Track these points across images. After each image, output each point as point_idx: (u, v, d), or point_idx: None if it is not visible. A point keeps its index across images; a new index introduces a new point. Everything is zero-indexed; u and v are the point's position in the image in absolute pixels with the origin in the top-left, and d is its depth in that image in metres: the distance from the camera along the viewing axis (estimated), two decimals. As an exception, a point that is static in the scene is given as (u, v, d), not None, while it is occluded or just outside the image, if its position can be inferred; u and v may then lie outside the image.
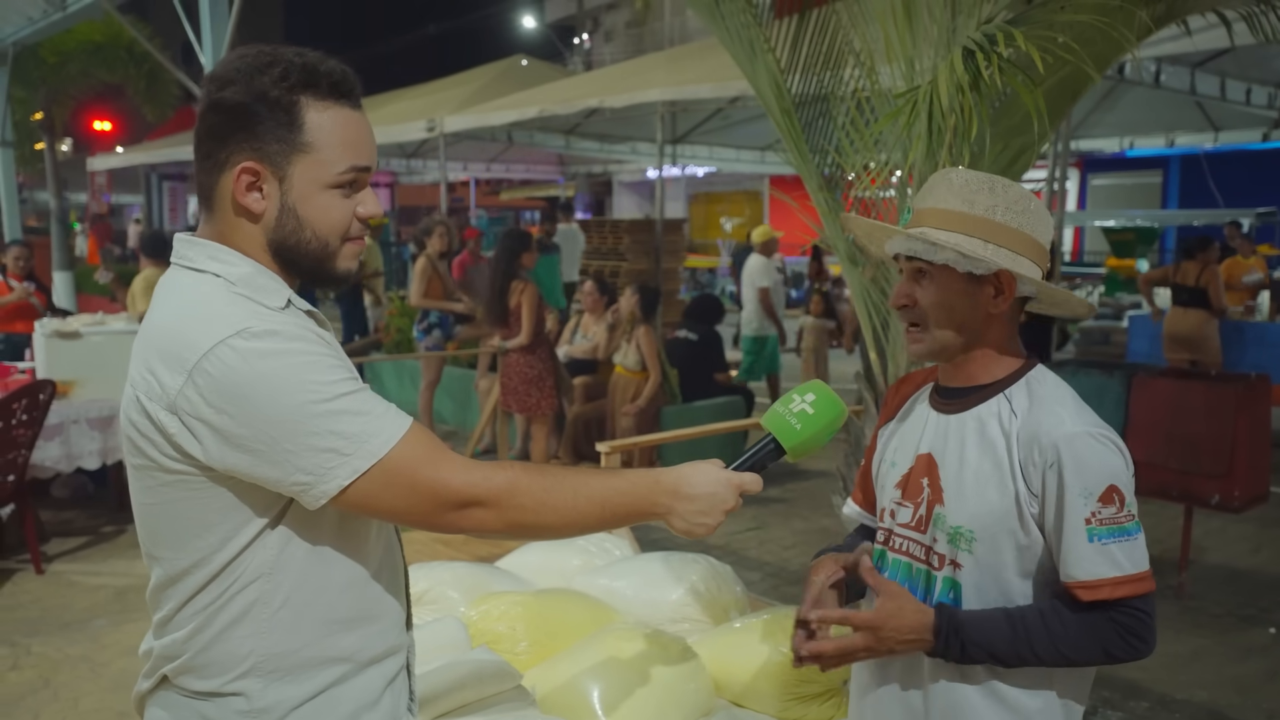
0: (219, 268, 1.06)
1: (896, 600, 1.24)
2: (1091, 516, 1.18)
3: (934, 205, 1.28)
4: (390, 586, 1.16)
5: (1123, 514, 1.19)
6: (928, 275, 1.27)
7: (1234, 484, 3.68)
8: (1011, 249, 1.25)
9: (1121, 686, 3.14)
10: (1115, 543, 1.18)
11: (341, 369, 1.04)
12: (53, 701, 3.03)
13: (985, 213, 1.25)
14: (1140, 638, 1.19)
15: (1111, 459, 1.20)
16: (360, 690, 1.11)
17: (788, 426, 1.23)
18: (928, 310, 1.28)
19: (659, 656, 1.86)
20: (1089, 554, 1.18)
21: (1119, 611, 1.18)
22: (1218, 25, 2.67)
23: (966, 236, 1.24)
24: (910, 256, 1.28)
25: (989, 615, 1.22)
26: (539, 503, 1.06)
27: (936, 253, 1.24)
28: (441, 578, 2.23)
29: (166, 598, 1.09)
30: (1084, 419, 1.22)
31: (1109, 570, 1.17)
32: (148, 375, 1.02)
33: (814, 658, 1.26)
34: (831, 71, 2.84)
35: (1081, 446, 1.19)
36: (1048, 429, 1.21)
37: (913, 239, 1.26)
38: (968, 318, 1.27)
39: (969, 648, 1.21)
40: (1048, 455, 1.20)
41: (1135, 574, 1.18)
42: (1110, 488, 1.19)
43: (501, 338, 5.07)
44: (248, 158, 1.05)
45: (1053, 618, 1.20)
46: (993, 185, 1.26)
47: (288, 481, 1.00)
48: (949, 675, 1.26)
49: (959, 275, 1.25)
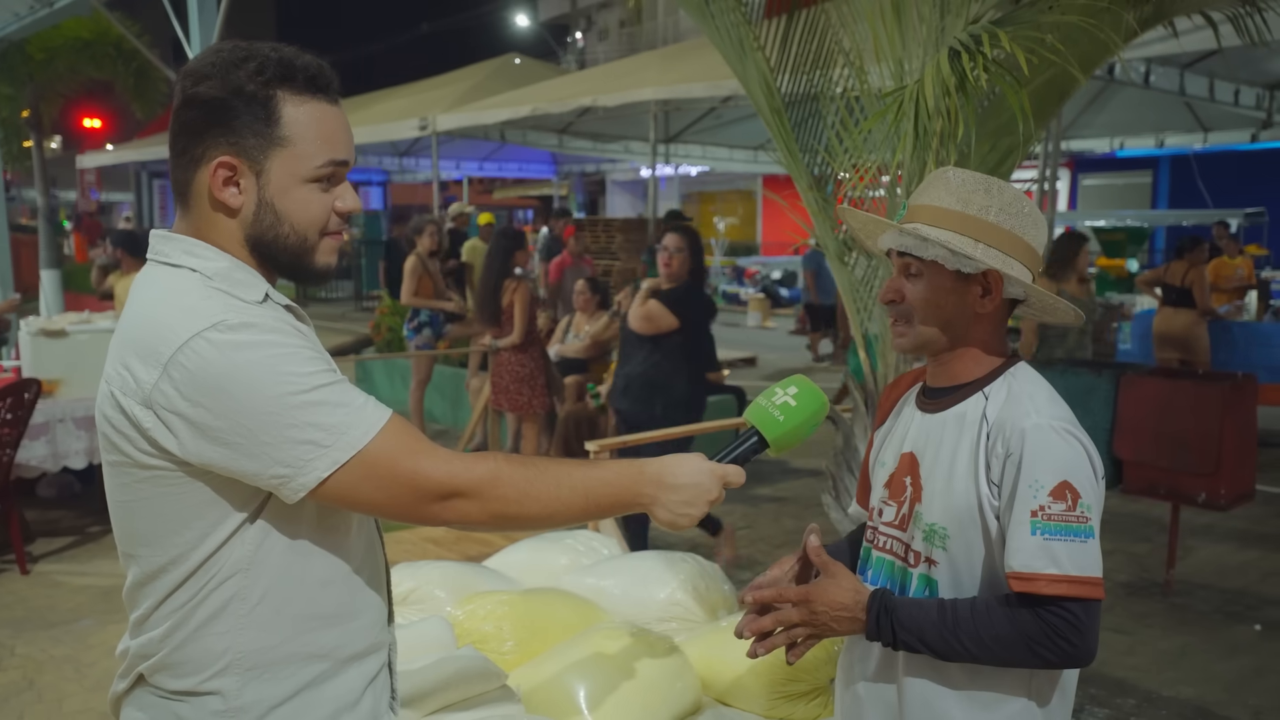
0: (195, 262, 1.05)
1: (835, 579, 1.25)
2: (1039, 510, 1.15)
3: (929, 202, 1.28)
4: (371, 582, 1.15)
5: (1074, 513, 1.15)
6: (917, 271, 1.28)
7: (1221, 482, 3.70)
8: (1002, 250, 1.25)
9: (1108, 684, 3.16)
10: (1059, 540, 1.14)
11: (319, 361, 1.03)
12: (37, 703, 3.01)
13: (979, 213, 1.25)
14: (1070, 641, 1.15)
15: (1071, 455, 1.17)
16: (340, 690, 1.10)
17: (770, 419, 1.23)
18: (915, 306, 1.28)
19: (646, 655, 1.86)
20: (1029, 546, 1.15)
21: (1050, 611, 1.15)
22: (1205, 27, 2.68)
23: (958, 235, 1.24)
24: (901, 252, 1.29)
25: (922, 603, 1.22)
26: (521, 493, 1.06)
27: (926, 249, 1.24)
28: (429, 576, 2.22)
29: (143, 596, 1.08)
30: (1052, 412, 1.21)
31: (1045, 566, 1.14)
32: (122, 370, 1.02)
33: (757, 635, 1.26)
34: (821, 71, 2.84)
35: (1041, 438, 1.17)
36: (1014, 420, 1.20)
37: (904, 234, 1.26)
38: (954, 315, 1.27)
39: (899, 631, 1.20)
40: (1010, 445, 1.19)
41: (1075, 576, 1.14)
42: (1064, 484, 1.16)
43: (493, 336, 5.07)
44: (224, 152, 1.04)
45: (982, 610, 1.18)
46: (988, 186, 1.26)
47: (265, 475, 0.99)
48: (923, 673, 1.26)
49: (948, 273, 1.25)
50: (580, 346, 5.96)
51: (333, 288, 15.64)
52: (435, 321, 6.28)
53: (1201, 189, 12.16)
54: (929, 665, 1.25)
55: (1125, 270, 12.20)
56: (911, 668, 1.27)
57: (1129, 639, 3.49)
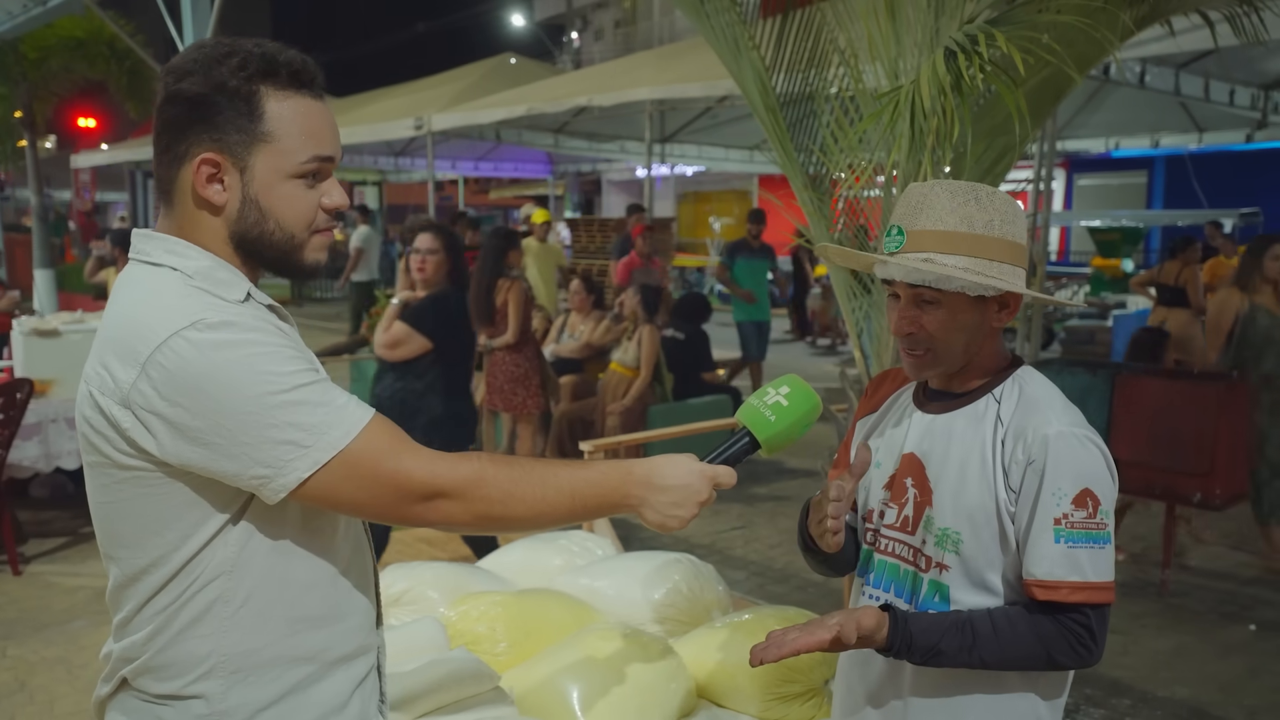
0: (176, 261, 1.04)
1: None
2: (1062, 517, 1.16)
3: (930, 226, 1.24)
4: (359, 584, 1.14)
5: (1094, 520, 1.17)
6: (934, 302, 1.24)
7: (1215, 482, 3.71)
8: (1010, 262, 1.24)
9: (1104, 684, 3.16)
10: (1082, 548, 1.16)
11: (300, 360, 1.02)
12: (28, 704, 3.00)
13: (984, 230, 1.22)
14: (1087, 647, 1.17)
15: (1093, 462, 1.18)
16: (328, 693, 1.09)
17: (762, 419, 1.21)
18: (936, 335, 1.25)
19: (640, 656, 1.85)
20: (1053, 554, 1.16)
21: (1070, 617, 1.17)
22: (1202, 26, 2.68)
23: (974, 259, 1.22)
24: (915, 285, 1.25)
25: (937, 622, 1.21)
26: (506, 494, 1.04)
27: (950, 282, 1.21)
28: (422, 577, 2.21)
29: (126, 598, 1.06)
30: (1070, 419, 1.21)
31: (1070, 574, 1.16)
32: (101, 370, 1.01)
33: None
34: (816, 70, 2.84)
35: (1064, 446, 1.18)
36: (1034, 427, 1.20)
37: (921, 269, 1.22)
38: (974, 336, 1.26)
39: (915, 656, 1.20)
40: (1031, 453, 1.19)
41: (1096, 582, 1.17)
42: (1085, 491, 1.17)
43: (487, 336, 5.06)
44: (208, 149, 1.03)
45: (1003, 624, 1.18)
46: (978, 196, 1.24)
47: (246, 475, 0.98)
48: (929, 674, 1.25)
49: (968, 299, 1.24)
50: (575, 346, 5.96)
51: (327, 287, 15.61)
52: (430, 321, 6.26)
53: (1197, 189, 12.19)
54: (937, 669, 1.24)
55: (1120, 270, 12.22)
56: (917, 673, 1.26)
57: (1124, 639, 3.49)
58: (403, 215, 13.01)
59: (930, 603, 1.27)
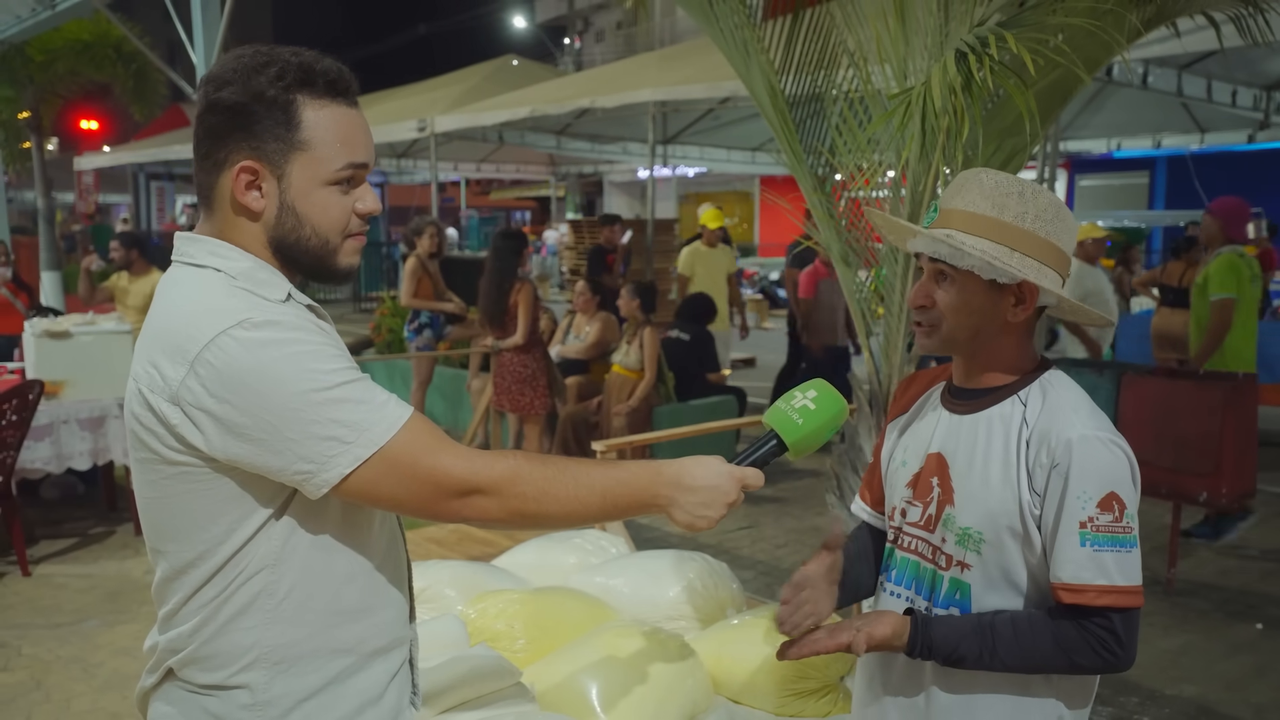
0: (219, 262, 1.07)
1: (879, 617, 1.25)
2: (1088, 521, 1.16)
3: (962, 207, 1.25)
4: (394, 578, 1.16)
5: (1120, 523, 1.17)
6: (949, 278, 1.25)
7: (1221, 482, 3.72)
8: (1037, 258, 1.23)
9: (1111, 682, 3.17)
10: (1108, 551, 1.16)
11: (342, 359, 1.04)
12: (44, 703, 3.02)
13: (1015, 220, 1.23)
14: (1112, 651, 1.17)
15: (1118, 466, 1.18)
16: (365, 684, 1.12)
17: (790, 422, 1.23)
18: (945, 312, 1.26)
19: (657, 653, 1.87)
20: (1079, 557, 1.16)
21: (1094, 621, 1.17)
22: (1205, 27, 2.70)
23: (994, 243, 1.22)
24: (933, 257, 1.27)
25: (957, 625, 1.22)
26: (540, 491, 1.07)
27: (962, 258, 1.22)
28: (439, 576, 2.23)
29: (172, 591, 1.09)
30: (1096, 422, 1.21)
31: (1096, 577, 1.16)
32: (150, 368, 1.03)
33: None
34: (825, 72, 2.85)
35: (1089, 450, 1.17)
36: (1059, 430, 1.20)
37: (938, 242, 1.24)
38: (984, 323, 1.26)
39: (936, 658, 1.22)
40: (1055, 456, 1.19)
41: (1124, 586, 1.16)
42: (1111, 494, 1.17)
43: (495, 337, 5.08)
44: (246, 157, 1.06)
45: (1024, 627, 1.19)
46: (1023, 191, 1.24)
47: (290, 470, 1.01)
48: (951, 676, 1.26)
49: (981, 282, 1.24)
50: (581, 347, 5.97)
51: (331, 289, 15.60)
52: (435, 323, 6.29)
53: (1199, 190, 12.18)
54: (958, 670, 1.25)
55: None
56: (939, 672, 1.27)
57: (1131, 637, 3.51)
58: (405, 217, 13.02)
59: (950, 600, 1.28)
